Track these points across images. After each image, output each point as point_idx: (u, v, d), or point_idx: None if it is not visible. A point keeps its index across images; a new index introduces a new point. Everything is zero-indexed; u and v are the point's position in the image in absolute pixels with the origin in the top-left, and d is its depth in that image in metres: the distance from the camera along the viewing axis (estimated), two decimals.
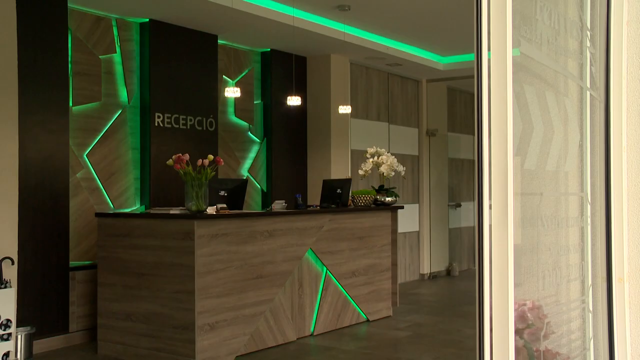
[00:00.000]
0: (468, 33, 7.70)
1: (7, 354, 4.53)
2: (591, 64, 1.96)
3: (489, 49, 1.71)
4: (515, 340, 1.64)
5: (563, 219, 1.92)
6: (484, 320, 1.65)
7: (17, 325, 4.74)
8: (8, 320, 4.53)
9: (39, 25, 5.51)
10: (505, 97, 1.69)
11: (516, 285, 1.65)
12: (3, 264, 4.62)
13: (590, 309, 1.98)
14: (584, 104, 2.02)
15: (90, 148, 6.09)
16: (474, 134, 8.70)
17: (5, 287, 4.56)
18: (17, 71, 4.89)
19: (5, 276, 4.61)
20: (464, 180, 11.11)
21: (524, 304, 1.84)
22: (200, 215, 4.86)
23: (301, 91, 8.10)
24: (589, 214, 2.01)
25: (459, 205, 10.83)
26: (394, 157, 7.05)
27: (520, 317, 1.84)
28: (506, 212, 1.64)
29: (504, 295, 1.62)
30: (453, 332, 6.15)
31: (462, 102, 11.07)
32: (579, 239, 2.00)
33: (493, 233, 1.72)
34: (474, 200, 11.24)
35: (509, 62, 1.68)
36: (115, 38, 6.33)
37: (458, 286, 9.37)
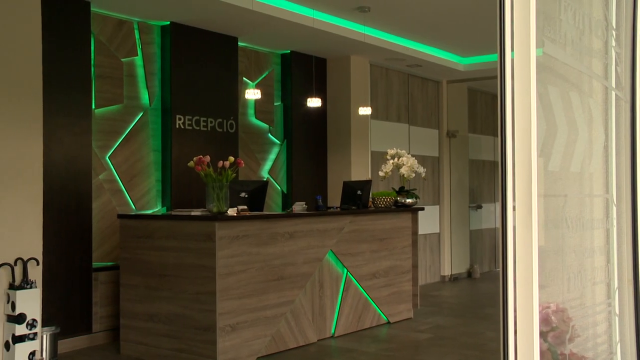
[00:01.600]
0: (489, 33, 7.64)
1: (33, 353, 4.59)
2: (616, 64, 1.94)
3: (512, 49, 1.69)
4: (539, 343, 1.62)
5: (588, 221, 1.90)
6: (508, 322, 1.64)
7: (42, 325, 4.80)
8: (34, 320, 4.59)
9: (63, 29, 5.58)
10: (529, 97, 1.68)
11: (540, 287, 1.64)
12: (28, 264, 4.68)
13: (617, 312, 1.96)
14: (609, 104, 2.00)
15: (112, 150, 6.15)
16: (495, 135, 8.68)
17: (31, 288, 4.62)
18: (42, 75, 4.94)
19: (30, 277, 4.67)
20: (485, 181, 11.03)
21: (548, 307, 1.82)
22: (221, 216, 4.89)
23: (321, 92, 8.11)
24: (614, 215, 1.99)
25: (480, 207, 10.75)
26: (414, 158, 7.03)
27: (545, 319, 1.82)
28: (530, 214, 1.63)
29: (529, 297, 1.61)
30: (475, 335, 6.11)
31: (482, 103, 11.00)
32: (605, 241, 1.98)
33: (517, 235, 1.71)
34: (495, 202, 11.16)
35: (533, 63, 1.67)
36: (137, 41, 6.39)
37: (479, 288, 9.30)
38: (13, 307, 4.54)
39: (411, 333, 6.18)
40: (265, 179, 7.54)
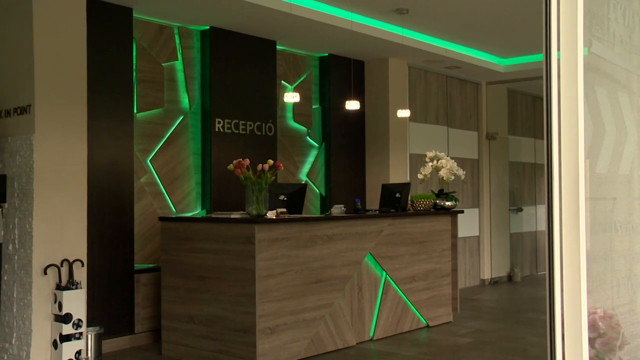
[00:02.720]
0: (530, 34, 7.53)
1: (79, 352, 4.69)
2: None
3: (558, 49, 1.66)
4: None
5: (638, 225, 1.85)
6: (555, 328, 1.60)
7: (87, 325, 4.90)
8: (79, 320, 4.69)
9: (107, 35, 5.70)
10: (576, 98, 1.64)
11: (587, 292, 1.60)
12: (74, 265, 4.79)
13: None
14: None
15: (153, 153, 6.25)
16: (536, 137, 8.52)
17: (77, 288, 4.72)
18: (86, 80, 5.06)
19: (76, 277, 4.78)
20: (526, 184, 10.86)
21: (595, 312, 1.78)
22: (261, 219, 4.91)
23: (359, 95, 8.09)
24: None
25: (521, 210, 10.59)
26: (453, 161, 6.96)
27: (592, 325, 1.78)
28: (578, 217, 1.60)
29: (577, 302, 1.57)
30: (516, 340, 6.01)
31: (523, 105, 10.83)
32: None
33: (564, 238, 1.67)
34: (535, 205, 10.98)
35: (580, 62, 1.63)
36: (177, 46, 6.48)
37: (520, 292, 9.15)
38: (60, 307, 4.65)
39: (451, 337, 6.11)
40: (303, 182, 7.56)
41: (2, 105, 4.95)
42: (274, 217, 5.02)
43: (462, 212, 7.04)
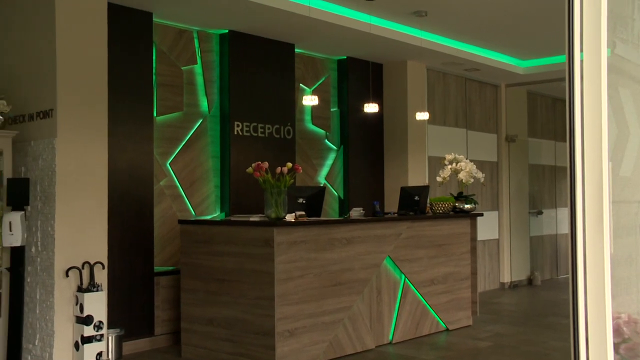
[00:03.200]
0: (550, 35, 7.47)
1: (100, 354, 4.73)
2: None
3: (581, 50, 1.64)
4: None
5: None
6: (579, 334, 1.58)
7: (108, 327, 4.94)
8: (100, 322, 4.73)
9: (127, 40, 5.75)
10: (599, 100, 1.63)
11: (611, 297, 1.58)
12: (95, 268, 4.83)
13: None
14: None
15: (173, 157, 6.29)
16: (556, 139, 8.42)
17: (97, 291, 4.76)
18: (107, 84, 5.11)
19: (97, 280, 4.82)
20: (546, 186, 10.76)
21: (619, 317, 1.76)
22: (280, 222, 4.92)
23: (378, 98, 8.08)
24: None
25: (541, 213, 10.49)
26: (472, 163, 6.92)
27: (616, 330, 1.75)
28: (601, 221, 1.58)
29: (601, 307, 1.55)
30: (537, 344, 5.95)
31: (543, 107, 10.74)
32: None
33: (587, 242, 1.65)
34: (556, 208, 10.87)
35: (604, 64, 1.61)
36: (197, 49, 6.52)
37: (541, 296, 9.07)
38: (81, 309, 4.69)
39: (470, 341, 6.07)
40: (322, 185, 7.56)
41: (25, 109, 5.02)
42: (293, 220, 5.02)
43: (481, 215, 6.99)
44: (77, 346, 4.71)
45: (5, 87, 5.15)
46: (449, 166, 6.91)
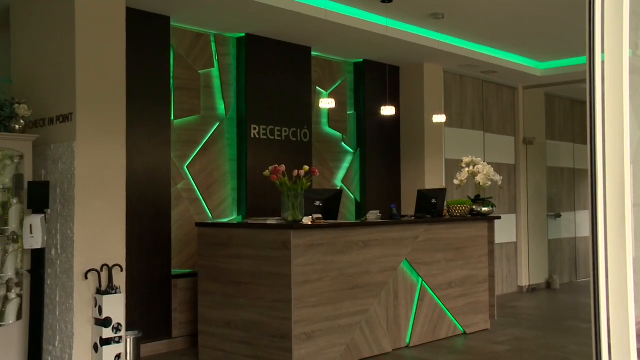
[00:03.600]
0: (568, 37, 7.41)
1: (118, 356, 4.76)
2: None
3: (602, 52, 1.63)
4: None
5: None
6: (601, 339, 1.57)
7: (126, 329, 4.97)
8: (119, 324, 4.76)
9: (145, 44, 5.79)
10: (621, 101, 1.61)
11: (634, 301, 1.56)
12: (113, 270, 4.86)
13: None
14: None
15: (190, 160, 6.32)
16: (575, 142, 8.35)
17: (116, 293, 4.79)
18: (126, 88, 5.14)
19: (115, 282, 4.85)
20: (565, 189, 10.66)
21: None
22: (297, 225, 4.93)
23: (394, 101, 8.07)
24: None
25: (559, 216, 10.40)
26: (490, 166, 6.88)
27: (639, 335, 1.73)
28: (623, 224, 1.56)
29: (623, 312, 1.53)
30: (556, 348, 5.89)
31: (561, 109, 10.66)
32: None
33: (609, 246, 1.63)
34: (575, 211, 10.77)
35: (626, 65, 1.60)
36: (214, 53, 6.55)
37: (560, 300, 8.98)
38: (100, 311, 4.73)
39: (488, 345, 6.02)
40: (339, 188, 7.55)
41: (46, 113, 5.07)
42: (310, 223, 5.02)
43: (499, 218, 6.95)
44: (96, 348, 4.75)
45: (26, 92, 5.21)
46: (466, 169, 6.87)
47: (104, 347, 4.70)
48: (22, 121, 4.95)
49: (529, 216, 9.70)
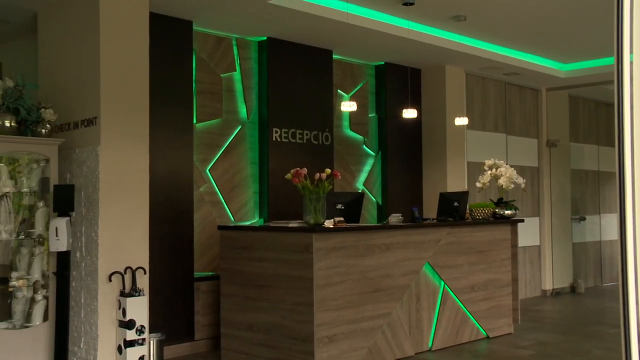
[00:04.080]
0: (592, 39, 7.33)
1: (142, 358, 4.80)
2: None
3: (631, 52, 1.61)
4: None
5: None
6: (631, 343, 1.54)
7: (149, 332, 5.00)
8: (142, 326, 4.80)
9: (168, 48, 5.84)
10: None
11: None
12: (137, 273, 4.91)
13: None
14: None
15: (212, 163, 6.35)
16: (599, 144, 8.25)
17: (139, 295, 4.83)
18: (149, 92, 5.19)
19: (139, 285, 4.90)
20: (589, 192, 10.54)
21: None
22: (318, 228, 4.92)
23: (416, 103, 8.04)
24: None
25: (584, 219, 10.27)
26: (512, 169, 6.82)
27: None
28: None
29: None
30: (582, 353, 5.82)
31: (585, 111, 10.53)
32: None
33: (638, 249, 1.61)
34: (599, 214, 10.63)
35: None
36: (236, 57, 6.59)
37: (585, 304, 8.87)
38: (124, 313, 4.77)
39: (512, 349, 5.97)
40: (360, 191, 7.54)
41: (71, 117, 5.14)
42: (332, 226, 5.02)
43: (522, 221, 6.88)
44: (120, 350, 4.79)
45: (51, 97, 5.28)
46: (489, 172, 6.82)
47: (128, 349, 4.74)
48: (48, 125, 5.01)
49: (553, 219, 9.59)
